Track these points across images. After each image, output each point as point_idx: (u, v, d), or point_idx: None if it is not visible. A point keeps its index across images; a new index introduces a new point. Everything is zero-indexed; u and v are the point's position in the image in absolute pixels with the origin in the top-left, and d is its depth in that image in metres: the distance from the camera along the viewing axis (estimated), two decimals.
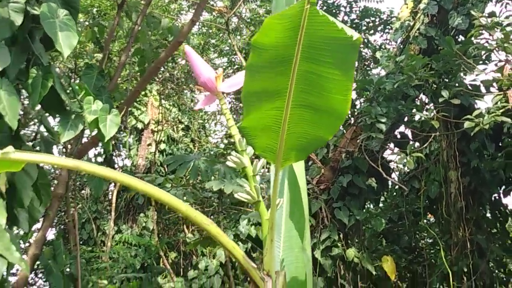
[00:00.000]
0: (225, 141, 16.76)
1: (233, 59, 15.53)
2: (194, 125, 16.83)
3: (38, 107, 4.57)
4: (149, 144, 15.19)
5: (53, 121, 6.18)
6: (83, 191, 14.94)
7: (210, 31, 14.69)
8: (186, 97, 17.38)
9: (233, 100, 16.42)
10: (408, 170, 10.92)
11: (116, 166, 14.57)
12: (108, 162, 13.98)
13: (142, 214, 14.40)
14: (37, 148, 5.10)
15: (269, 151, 2.25)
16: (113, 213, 13.02)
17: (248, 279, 2.28)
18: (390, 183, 10.40)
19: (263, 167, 2.44)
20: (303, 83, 2.05)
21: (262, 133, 2.18)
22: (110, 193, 14.59)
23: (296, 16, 1.85)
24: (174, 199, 2.21)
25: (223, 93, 2.42)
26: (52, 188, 5.28)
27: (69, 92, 4.81)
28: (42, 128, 5.28)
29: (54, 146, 5.26)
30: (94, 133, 5.16)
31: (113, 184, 13.54)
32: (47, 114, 4.97)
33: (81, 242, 13.56)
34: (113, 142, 8.58)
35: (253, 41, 1.93)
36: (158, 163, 14.74)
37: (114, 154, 14.58)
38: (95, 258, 12.56)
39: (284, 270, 2.38)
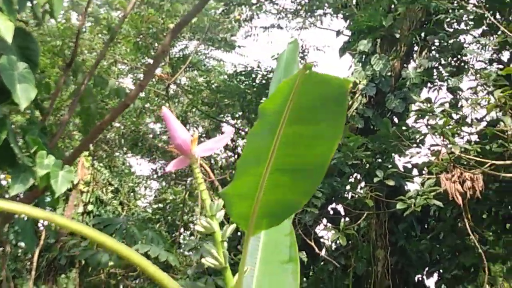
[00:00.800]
0: (154, 206, 16.64)
1: None
2: (124, 188, 16.64)
3: None
4: (76, 205, 14.89)
5: None
6: (0, 248, 14.43)
7: (149, 96, 14.69)
8: (118, 159, 17.24)
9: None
10: (335, 246, 11.03)
11: (39, 224, 14.14)
12: (33, 219, 13.58)
13: (63, 275, 13.98)
14: None
15: (243, 218, 2.24)
16: (33, 273, 12.57)
17: None
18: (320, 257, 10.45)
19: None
20: (285, 147, 2.05)
21: (239, 200, 2.17)
22: (30, 251, 14.15)
23: (293, 81, 1.89)
24: (144, 260, 2.17)
25: (202, 157, 2.42)
26: None
27: (23, 146, 4.73)
28: None
29: None
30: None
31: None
32: None
33: None
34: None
35: (260, 107, 1.94)
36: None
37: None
38: None
39: None
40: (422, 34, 10.69)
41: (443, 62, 10.15)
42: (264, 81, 13.29)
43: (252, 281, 2.71)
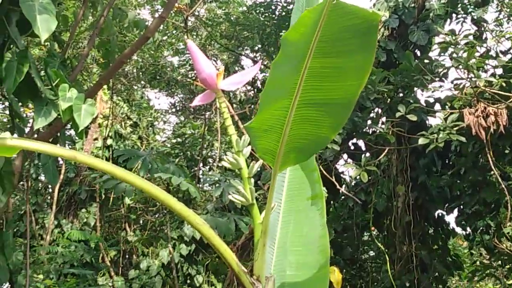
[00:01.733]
0: (173, 140, 16.64)
1: (187, 59, 15.37)
2: (143, 122, 16.63)
3: None
4: (96, 139, 14.94)
5: None
6: (21, 182, 14.59)
7: (167, 28, 14.50)
8: (136, 93, 17.18)
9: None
10: (355, 182, 11.00)
11: (59, 158, 14.23)
12: None
13: (83, 210, 14.12)
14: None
15: (269, 153, 2.16)
16: (54, 207, 12.71)
17: (237, 283, 2.20)
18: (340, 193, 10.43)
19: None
20: (313, 80, 1.97)
21: (265, 134, 2.10)
22: (51, 186, 14.27)
23: (319, 11, 1.79)
24: (172, 199, 2.12)
25: (222, 91, 2.33)
26: None
27: (43, 79, 4.65)
28: None
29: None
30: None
31: None
32: (16, 99, 4.79)
33: (18, 235, 13.22)
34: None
35: (283, 37, 1.85)
36: (104, 159, 14.47)
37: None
38: (32, 251, 12.26)
39: (273, 275, 2.31)
40: None
41: None
42: (284, 13, 13.04)
43: (278, 217, 2.66)
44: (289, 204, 2.67)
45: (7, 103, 5.80)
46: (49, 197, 14.51)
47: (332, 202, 10.70)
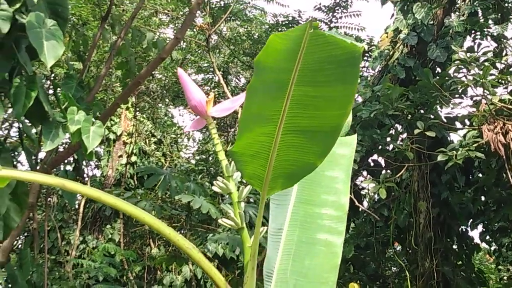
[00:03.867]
0: (197, 157, 16.75)
1: (211, 77, 15.52)
2: (167, 139, 16.78)
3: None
4: (120, 156, 15.09)
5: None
6: (49, 199, 14.77)
7: (190, 47, 14.66)
8: (160, 110, 17.36)
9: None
10: (377, 198, 10.98)
11: (85, 175, 14.41)
12: (77, 171, 13.80)
13: (108, 226, 14.26)
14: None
15: (256, 178, 2.21)
16: (79, 223, 12.88)
17: None
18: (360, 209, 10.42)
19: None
20: (296, 108, 2.01)
21: (252, 159, 2.15)
22: (77, 202, 14.44)
23: (298, 39, 1.83)
24: (160, 223, 2.18)
25: (213, 117, 2.39)
26: None
27: (52, 101, 4.76)
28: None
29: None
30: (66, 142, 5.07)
31: None
32: (27, 122, 4.90)
33: (44, 251, 13.38)
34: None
35: (256, 61, 1.90)
36: (128, 175, 14.63)
37: (84, 163, 14.42)
38: (58, 267, 12.41)
39: None
40: None
41: (487, 9, 9.84)
42: None
43: (279, 246, 2.70)
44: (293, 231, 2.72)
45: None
46: (75, 213, 14.67)
47: (352, 218, 10.68)
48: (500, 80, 7.71)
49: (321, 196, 2.79)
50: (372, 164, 10.17)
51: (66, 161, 13.80)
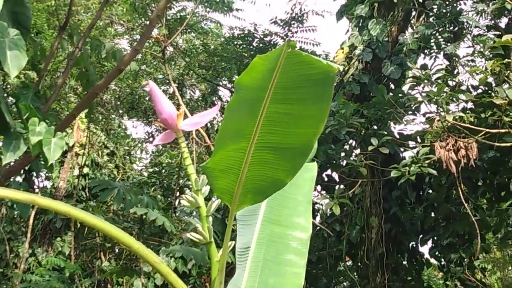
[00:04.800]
0: (150, 169, 16.64)
1: (166, 88, 15.47)
2: (120, 151, 16.62)
3: None
4: (72, 167, 14.87)
5: None
6: None
7: (145, 58, 14.60)
8: (114, 122, 17.21)
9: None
10: (330, 213, 11.05)
11: (35, 187, 14.17)
12: (28, 182, 13.57)
13: (58, 238, 14.01)
14: None
15: (226, 193, 2.23)
16: (29, 235, 12.63)
17: None
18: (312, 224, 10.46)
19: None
20: (269, 124, 2.04)
21: (223, 174, 2.17)
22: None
23: (275, 59, 1.86)
24: (128, 236, 2.18)
25: (182, 131, 2.41)
26: None
27: (14, 112, 4.69)
28: None
29: None
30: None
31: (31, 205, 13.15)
32: None
33: None
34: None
35: (236, 81, 1.93)
36: (80, 187, 14.43)
37: (34, 174, 14.18)
38: (5, 280, 12.16)
39: None
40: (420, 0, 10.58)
41: (440, 28, 10.05)
42: (261, 45, 13.20)
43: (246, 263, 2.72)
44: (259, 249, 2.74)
45: None
46: (24, 225, 14.38)
47: None
48: (451, 98, 7.86)
49: (287, 218, 2.83)
50: (326, 179, 10.25)
51: None
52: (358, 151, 9.68)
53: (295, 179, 2.43)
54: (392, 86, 10.44)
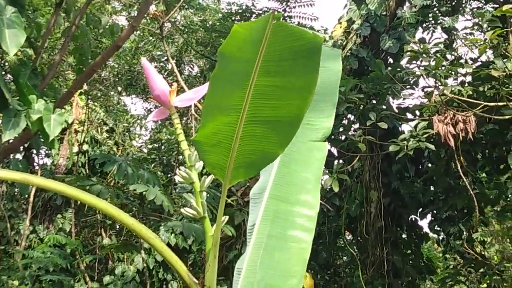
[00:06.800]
0: (149, 146, 16.63)
1: (164, 65, 15.41)
2: (119, 128, 16.58)
3: None
4: (71, 144, 14.86)
5: None
6: None
7: (143, 35, 14.53)
8: (112, 98, 17.17)
9: None
10: (329, 188, 11.07)
11: (35, 164, 14.16)
12: (27, 159, 13.58)
13: (59, 215, 14.03)
14: None
15: (218, 167, 2.23)
16: (29, 212, 12.66)
17: None
18: None
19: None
20: (259, 98, 2.04)
21: (214, 149, 2.16)
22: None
23: (260, 30, 1.85)
24: (124, 214, 2.19)
25: (175, 107, 2.40)
26: None
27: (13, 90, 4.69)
28: None
29: None
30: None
31: None
32: None
33: None
34: None
35: (219, 51, 1.92)
36: (80, 164, 14.43)
37: (34, 152, 14.18)
38: (7, 257, 12.22)
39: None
40: None
41: (439, 1, 10.00)
42: None
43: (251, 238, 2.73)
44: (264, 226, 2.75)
45: None
46: (24, 203, 14.40)
47: None
48: (450, 71, 7.84)
49: (295, 195, 2.82)
50: None
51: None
52: (357, 125, 9.67)
53: (305, 158, 2.44)
54: (391, 60, 10.43)
